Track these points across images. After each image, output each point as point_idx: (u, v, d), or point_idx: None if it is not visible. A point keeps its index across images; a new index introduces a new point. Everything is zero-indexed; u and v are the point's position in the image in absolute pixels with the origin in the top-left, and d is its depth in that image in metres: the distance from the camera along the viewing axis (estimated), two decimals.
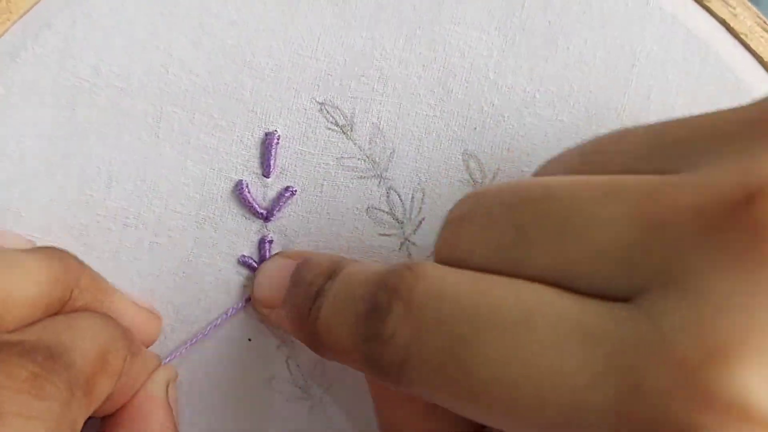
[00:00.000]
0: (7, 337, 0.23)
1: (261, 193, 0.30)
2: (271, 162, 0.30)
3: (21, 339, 0.23)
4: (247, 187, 0.30)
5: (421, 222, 0.31)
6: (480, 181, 0.31)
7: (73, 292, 0.26)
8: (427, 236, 0.31)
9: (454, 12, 0.31)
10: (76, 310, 0.26)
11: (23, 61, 0.30)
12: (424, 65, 0.31)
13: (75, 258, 0.27)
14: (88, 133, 0.30)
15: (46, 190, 0.30)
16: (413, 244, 0.31)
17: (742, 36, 0.32)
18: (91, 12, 0.30)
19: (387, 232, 0.31)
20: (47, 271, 0.25)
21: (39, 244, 0.30)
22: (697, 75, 0.31)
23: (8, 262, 0.24)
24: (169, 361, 0.30)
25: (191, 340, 0.30)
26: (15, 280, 0.24)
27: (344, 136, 0.31)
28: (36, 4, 0.30)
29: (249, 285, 0.31)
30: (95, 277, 0.27)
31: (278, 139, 0.30)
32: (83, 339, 0.25)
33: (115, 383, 0.25)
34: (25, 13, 0.30)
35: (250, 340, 0.31)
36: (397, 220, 0.31)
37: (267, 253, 0.30)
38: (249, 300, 0.31)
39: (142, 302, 0.29)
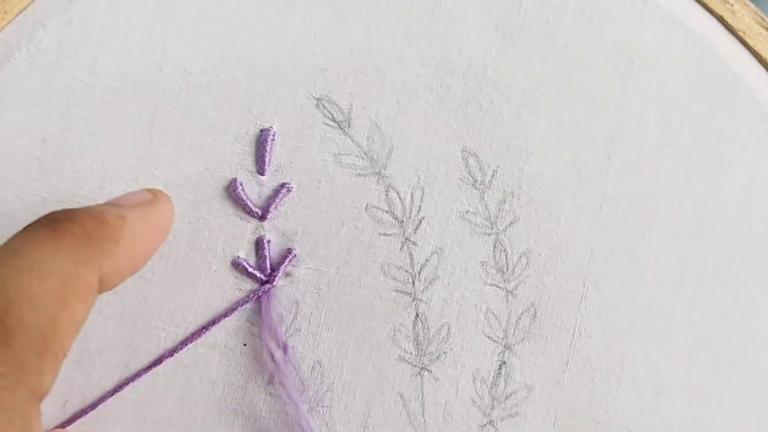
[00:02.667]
0: None
1: (256, 191, 0.31)
2: (266, 159, 0.31)
3: None
4: (241, 185, 0.31)
5: (421, 221, 0.31)
6: (480, 179, 0.31)
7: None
8: (427, 236, 0.31)
9: (451, 9, 0.32)
10: None
11: (18, 61, 0.31)
12: (421, 62, 0.32)
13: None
14: (82, 133, 0.32)
15: (39, 191, 0.31)
16: (414, 243, 0.31)
17: (740, 33, 0.33)
18: (87, 12, 0.32)
19: (387, 232, 0.31)
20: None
21: None
22: (695, 72, 0.32)
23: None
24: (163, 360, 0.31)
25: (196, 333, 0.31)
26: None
27: (341, 132, 0.31)
28: (31, 3, 0.31)
29: (243, 289, 0.31)
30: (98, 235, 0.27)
31: (274, 136, 0.31)
32: (32, 284, 0.24)
33: (91, 305, 0.26)
34: (20, 13, 0.32)
35: (245, 344, 0.31)
36: (396, 219, 0.31)
37: (267, 253, 0.31)
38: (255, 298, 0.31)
39: (137, 196, 0.29)
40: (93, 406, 0.31)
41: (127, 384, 0.31)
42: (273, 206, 0.32)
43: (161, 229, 0.29)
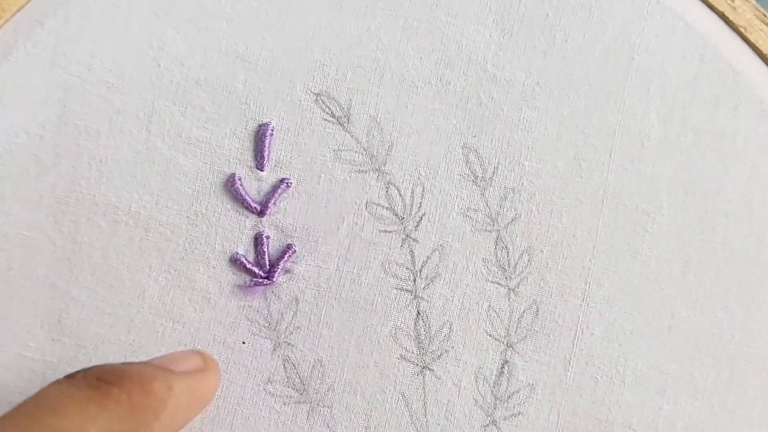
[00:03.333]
0: None
1: (255, 186, 0.31)
2: (265, 154, 0.31)
3: None
4: (239, 180, 0.31)
5: (422, 218, 0.31)
6: (480, 175, 0.31)
7: None
8: (428, 233, 0.31)
9: (450, 4, 0.32)
10: None
11: (15, 59, 0.32)
12: (421, 57, 0.32)
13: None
14: (78, 129, 0.32)
15: (36, 187, 0.31)
16: (415, 240, 0.31)
17: (741, 29, 0.33)
18: (83, 9, 0.32)
19: (387, 229, 0.31)
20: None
21: (30, 241, 0.31)
22: (696, 68, 0.32)
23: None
24: None
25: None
26: None
27: (341, 128, 0.31)
28: (28, 2, 0.31)
29: (242, 284, 0.31)
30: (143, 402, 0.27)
31: (272, 131, 0.31)
32: None
33: None
34: (17, 11, 0.32)
35: (243, 343, 0.31)
36: (397, 215, 0.31)
37: (266, 249, 0.31)
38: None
39: (188, 361, 0.29)
40: None
41: None
42: (272, 202, 0.32)
43: (204, 402, 0.29)
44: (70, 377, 0.26)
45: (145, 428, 0.25)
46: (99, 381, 0.25)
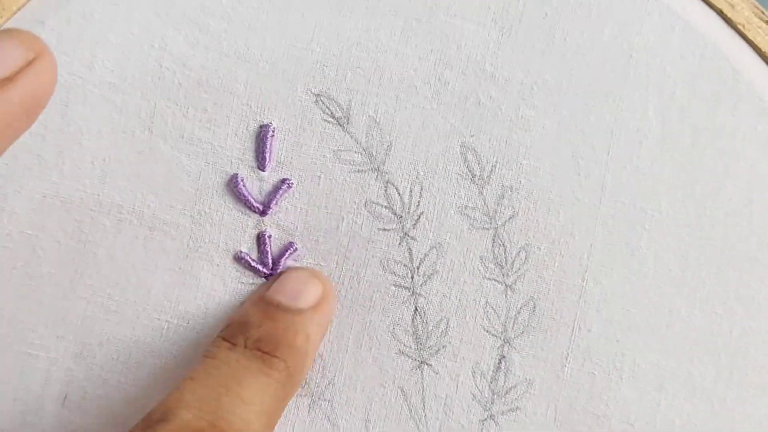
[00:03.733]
0: (163, 408, 0.25)
1: (257, 186, 0.32)
2: (267, 155, 0.31)
3: (178, 415, 0.25)
4: (242, 180, 0.31)
5: (420, 216, 0.32)
6: (478, 174, 0.32)
7: None
8: (426, 231, 0.32)
9: (449, 4, 0.32)
10: None
11: None
12: (420, 57, 0.32)
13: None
14: (81, 129, 0.32)
15: (40, 187, 0.32)
16: (413, 238, 0.32)
17: (740, 26, 0.33)
18: (85, 9, 0.32)
19: (386, 227, 0.32)
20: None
21: (34, 240, 0.32)
22: (694, 66, 0.32)
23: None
24: None
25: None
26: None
27: (341, 129, 0.32)
28: (29, 1, 0.31)
29: (245, 282, 0.32)
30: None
31: (273, 132, 0.32)
32: (246, 411, 0.26)
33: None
34: (18, 11, 0.32)
35: None
36: (395, 214, 0.32)
37: (269, 248, 0.31)
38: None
39: (312, 293, 0.31)
40: None
41: None
42: (274, 202, 0.32)
43: (327, 328, 0.32)
44: (231, 345, 0.29)
45: (298, 384, 0.29)
46: (261, 351, 0.28)
